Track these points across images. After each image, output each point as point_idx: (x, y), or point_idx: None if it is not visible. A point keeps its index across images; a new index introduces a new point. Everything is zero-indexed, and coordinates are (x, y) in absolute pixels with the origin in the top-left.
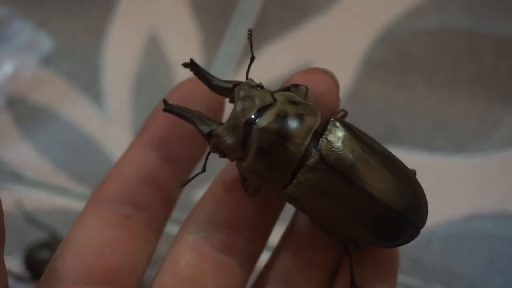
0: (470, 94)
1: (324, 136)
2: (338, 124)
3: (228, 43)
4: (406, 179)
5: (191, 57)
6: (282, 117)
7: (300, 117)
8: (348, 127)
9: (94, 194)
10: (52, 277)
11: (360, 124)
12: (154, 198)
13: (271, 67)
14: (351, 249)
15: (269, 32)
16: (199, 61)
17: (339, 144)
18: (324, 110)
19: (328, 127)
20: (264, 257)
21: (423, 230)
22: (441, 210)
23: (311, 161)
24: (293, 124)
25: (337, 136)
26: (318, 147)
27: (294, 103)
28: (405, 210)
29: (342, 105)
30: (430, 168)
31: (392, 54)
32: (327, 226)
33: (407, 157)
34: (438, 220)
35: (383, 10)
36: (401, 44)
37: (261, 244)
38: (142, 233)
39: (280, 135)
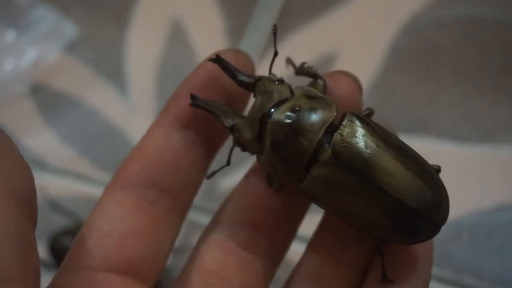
0: (497, 85)
1: (339, 131)
2: (354, 118)
3: (252, 32)
4: (425, 176)
5: (215, 46)
6: (296, 111)
7: (314, 111)
8: (364, 122)
9: (115, 177)
10: (72, 265)
11: (385, 114)
12: (178, 182)
13: (295, 57)
14: (381, 244)
15: (294, 22)
16: (222, 49)
17: (353, 139)
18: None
19: (344, 122)
20: (300, 250)
21: (451, 221)
22: (469, 201)
23: (324, 156)
24: (306, 118)
25: (352, 131)
26: (332, 142)
27: (310, 97)
28: (421, 207)
29: (367, 94)
30: (458, 158)
31: (418, 44)
32: (344, 221)
33: (434, 147)
34: (467, 211)
35: (408, 0)
36: (427, 34)
37: (286, 242)
38: (165, 219)
39: (293, 129)
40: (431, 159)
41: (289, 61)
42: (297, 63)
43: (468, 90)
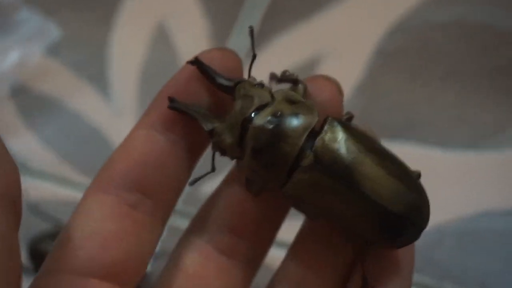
0: (489, 88)
1: (320, 136)
2: (335, 123)
3: (237, 34)
4: (406, 180)
5: (200, 49)
6: (278, 116)
7: (296, 116)
8: (345, 127)
9: (97, 178)
10: (52, 268)
11: (374, 116)
12: (161, 185)
13: (283, 57)
14: (363, 247)
15: (281, 22)
16: None
17: (335, 144)
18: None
19: (325, 127)
20: (279, 255)
21: (435, 226)
22: (454, 206)
23: (306, 161)
24: (288, 123)
25: (333, 136)
26: (314, 147)
27: (292, 102)
28: (403, 211)
29: (357, 95)
30: (444, 163)
31: (409, 45)
32: (326, 224)
33: (419, 151)
34: (452, 216)
35: (398, 1)
36: (418, 35)
37: (265, 247)
38: (147, 223)
39: (274, 135)
40: (415, 164)
41: (273, 76)
42: (285, 63)
43: (459, 92)
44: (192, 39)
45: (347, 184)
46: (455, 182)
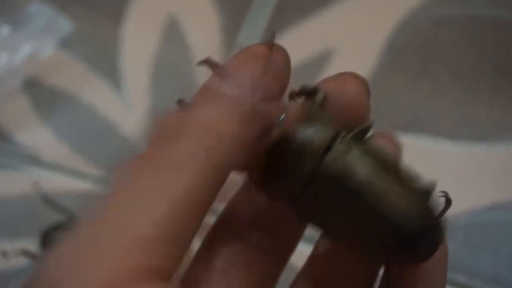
0: (494, 85)
1: (333, 152)
2: (348, 139)
3: (248, 28)
4: (421, 196)
5: (210, 44)
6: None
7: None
8: (360, 141)
9: None
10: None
11: (382, 112)
12: None
13: (292, 54)
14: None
15: (290, 18)
16: (218, 46)
17: (346, 160)
18: (352, 118)
19: (338, 141)
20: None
21: (446, 219)
22: (464, 200)
23: (318, 176)
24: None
25: (346, 152)
26: (324, 163)
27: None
28: (417, 228)
29: None
30: (453, 157)
31: (415, 42)
32: (341, 242)
33: (430, 146)
34: (461, 210)
35: None
36: (424, 32)
37: (293, 242)
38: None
39: (295, 152)
40: (426, 158)
41: (292, 94)
42: (294, 60)
43: (466, 90)
44: (203, 34)
45: (360, 201)
46: (466, 175)
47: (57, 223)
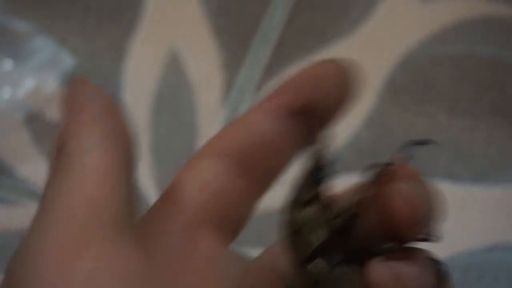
0: (491, 123)
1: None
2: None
3: (249, 65)
4: None
5: (211, 79)
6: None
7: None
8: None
9: (209, 145)
10: (155, 222)
11: (380, 150)
12: (267, 170)
13: None
14: None
15: (290, 55)
16: (219, 83)
17: None
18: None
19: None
20: None
21: (443, 259)
22: (461, 240)
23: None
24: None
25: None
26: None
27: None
28: None
29: (361, 131)
30: (450, 197)
31: (414, 81)
32: None
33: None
34: (458, 250)
35: (404, 36)
36: (422, 71)
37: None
38: (247, 194)
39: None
40: None
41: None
42: None
43: (463, 128)
44: (204, 69)
45: None
46: (463, 216)
47: None
